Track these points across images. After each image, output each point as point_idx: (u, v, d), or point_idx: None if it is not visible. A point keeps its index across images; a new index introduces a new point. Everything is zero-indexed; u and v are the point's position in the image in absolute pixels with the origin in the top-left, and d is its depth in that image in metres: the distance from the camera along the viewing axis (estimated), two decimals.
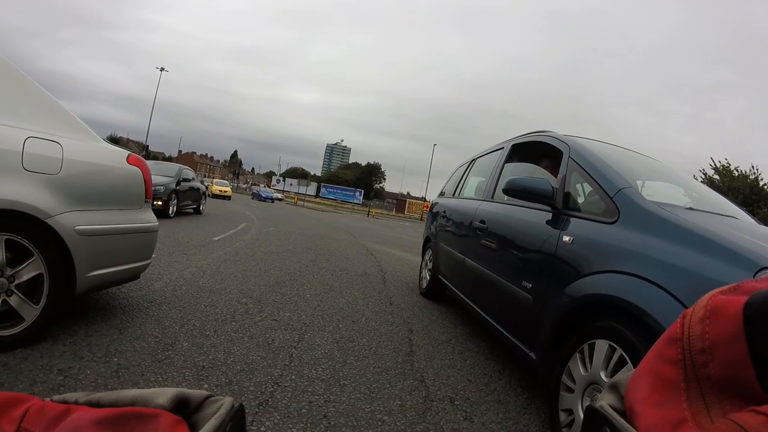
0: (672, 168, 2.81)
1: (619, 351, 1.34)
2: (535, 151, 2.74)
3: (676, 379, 0.25)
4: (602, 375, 1.41)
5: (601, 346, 1.43)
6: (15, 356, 1.78)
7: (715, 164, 23.21)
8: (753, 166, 21.90)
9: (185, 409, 0.28)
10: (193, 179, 9.87)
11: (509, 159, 3.04)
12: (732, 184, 21.55)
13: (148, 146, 39.32)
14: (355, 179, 77.46)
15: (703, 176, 23.21)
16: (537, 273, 1.99)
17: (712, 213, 1.88)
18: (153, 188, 8.84)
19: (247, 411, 1.65)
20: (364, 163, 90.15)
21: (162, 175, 8.32)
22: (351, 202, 60.04)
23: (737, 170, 22.43)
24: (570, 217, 1.93)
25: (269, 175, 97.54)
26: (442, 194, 4.82)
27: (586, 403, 1.49)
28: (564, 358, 1.64)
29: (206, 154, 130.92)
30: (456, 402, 2.03)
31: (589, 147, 2.21)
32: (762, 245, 1.30)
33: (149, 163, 10.07)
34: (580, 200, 2.02)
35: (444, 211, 4.02)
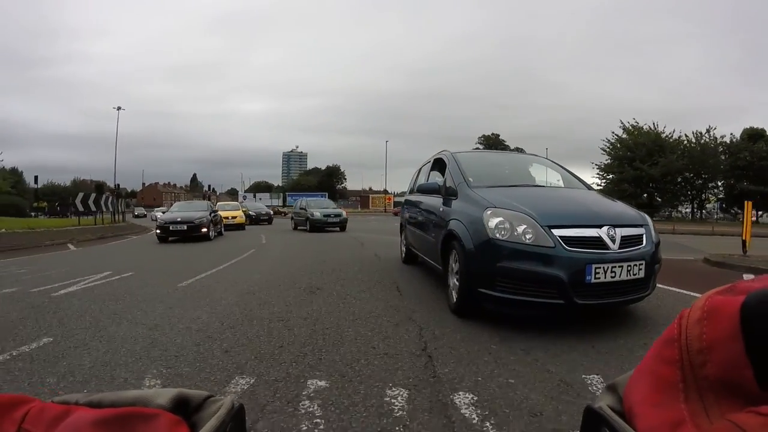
0: (536, 159, 4.85)
1: (453, 249, 3.36)
2: (440, 162, 4.76)
3: (674, 379, 0.25)
4: (451, 260, 3.42)
5: (452, 251, 3.45)
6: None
7: (624, 125, 29.35)
8: (654, 123, 28.89)
9: (185, 409, 0.29)
10: (216, 211, 13.59)
11: (432, 167, 5.05)
12: (638, 140, 27.45)
13: (119, 185, 35.98)
14: (317, 183, 77.91)
15: (616, 136, 29.50)
16: (434, 227, 4.02)
17: (511, 186, 3.86)
18: (199, 221, 11.57)
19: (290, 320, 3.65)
20: (323, 166, 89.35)
21: (200, 210, 12.33)
22: None
23: (646, 126, 28.76)
24: (447, 198, 3.93)
25: (231, 192, 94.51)
26: (410, 191, 6.84)
27: (454, 279, 3.48)
28: (446, 263, 3.66)
29: (169, 182, 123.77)
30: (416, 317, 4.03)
31: (460, 159, 4.21)
32: (508, 202, 3.24)
33: (183, 203, 12.72)
34: (450, 190, 4.02)
35: (406, 204, 6.06)
